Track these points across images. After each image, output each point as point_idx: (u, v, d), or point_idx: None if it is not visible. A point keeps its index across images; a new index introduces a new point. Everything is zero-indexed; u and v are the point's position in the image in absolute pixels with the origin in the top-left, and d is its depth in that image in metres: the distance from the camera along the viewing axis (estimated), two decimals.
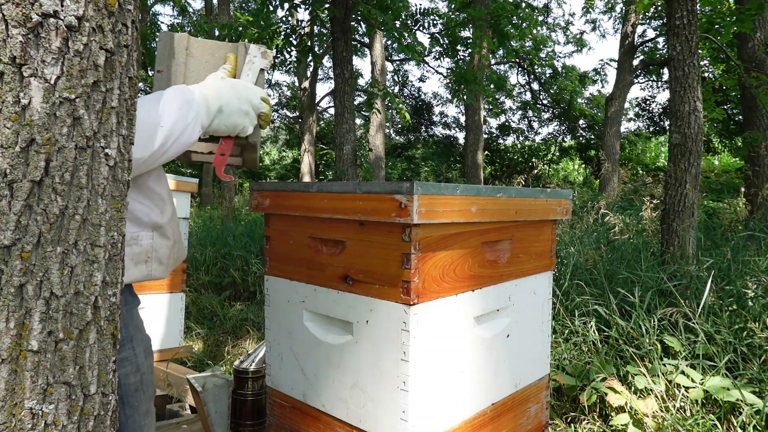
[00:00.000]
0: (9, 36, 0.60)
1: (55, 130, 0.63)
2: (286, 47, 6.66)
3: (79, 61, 0.65)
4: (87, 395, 0.68)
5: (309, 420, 1.33)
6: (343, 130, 6.29)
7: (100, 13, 0.66)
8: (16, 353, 0.62)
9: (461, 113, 18.69)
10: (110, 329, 0.72)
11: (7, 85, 0.60)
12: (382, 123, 12.32)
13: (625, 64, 12.36)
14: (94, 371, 0.69)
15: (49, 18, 0.62)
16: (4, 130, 0.60)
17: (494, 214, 1.26)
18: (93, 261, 0.68)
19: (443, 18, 9.52)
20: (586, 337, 2.87)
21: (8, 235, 0.61)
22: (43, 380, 0.64)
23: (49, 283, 0.64)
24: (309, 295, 1.30)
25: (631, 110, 19.46)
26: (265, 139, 23.83)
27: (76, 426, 0.67)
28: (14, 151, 0.61)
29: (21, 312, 0.62)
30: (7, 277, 0.61)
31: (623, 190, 10.16)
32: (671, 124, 3.91)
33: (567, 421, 2.51)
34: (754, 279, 3.22)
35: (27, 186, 0.62)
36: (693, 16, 3.78)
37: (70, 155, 0.64)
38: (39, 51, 0.62)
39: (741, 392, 2.22)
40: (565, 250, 4.33)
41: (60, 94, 0.63)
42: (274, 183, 1.36)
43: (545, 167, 18.36)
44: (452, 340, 1.20)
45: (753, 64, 7.08)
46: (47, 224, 0.63)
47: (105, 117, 0.68)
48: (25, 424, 0.63)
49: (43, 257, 0.63)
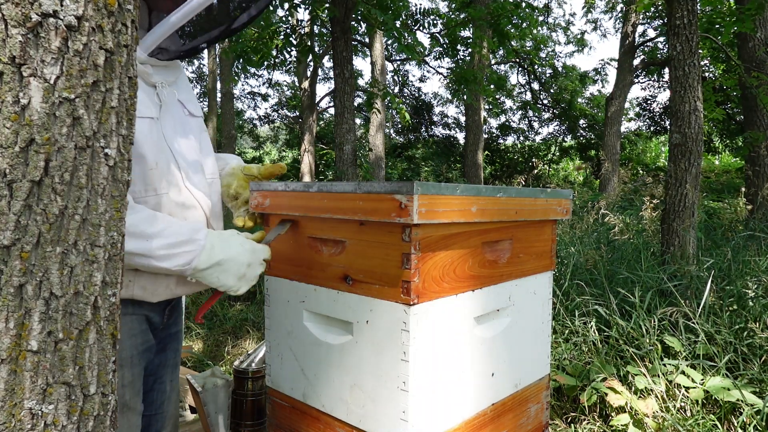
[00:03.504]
0: (8, 36, 0.60)
1: (55, 130, 0.63)
2: (286, 47, 6.66)
3: (79, 61, 0.64)
4: (87, 395, 0.68)
5: (309, 420, 1.33)
6: (343, 130, 6.29)
7: (100, 12, 0.66)
8: (15, 353, 0.62)
9: (461, 113, 18.69)
10: (110, 329, 0.72)
11: (6, 85, 0.60)
12: (382, 123, 12.32)
13: (626, 64, 12.35)
14: (94, 371, 0.69)
15: (48, 18, 0.62)
16: (4, 130, 0.60)
17: (494, 214, 1.26)
18: (93, 261, 0.68)
19: (443, 18, 9.52)
20: (586, 337, 2.87)
21: (8, 235, 0.61)
22: (42, 380, 0.64)
23: (48, 283, 0.64)
24: (309, 295, 1.30)
25: (631, 110, 19.46)
26: (265, 139, 23.84)
27: (75, 426, 0.67)
28: (14, 151, 0.61)
29: (20, 312, 0.62)
30: (7, 277, 0.61)
31: (623, 190, 10.16)
32: (671, 124, 3.91)
33: (567, 421, 2.51)
34: (755, 279, 3.22)
35: (26, 186, 0.61)
36: (693, 16, 3.78)
37: (69, 155, 0.64)
38: (38, 51, 0.61)
39: (741, 392, 2.21)
40: (565, 250, 4.33)
41: (59, 93, 0.63)
42: (274, 183, 1.36)
43: (545, 167, 18.36)
44: (452, 340, 1.20)
45: (753, 63, 7.07)
46: (47, 224, 0.63)
47: (105, 117, 0.68)
48: (25, 425, 0.63)
49: (43, 257, 0.63)
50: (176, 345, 1.35)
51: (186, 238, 1.10)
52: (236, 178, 1.41)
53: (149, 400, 1.29)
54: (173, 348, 1.34)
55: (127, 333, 1.14)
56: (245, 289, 1.21)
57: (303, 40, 7.14)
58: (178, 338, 1.35)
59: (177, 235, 1.08)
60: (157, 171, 1.15)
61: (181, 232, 1.09)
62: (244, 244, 1.19)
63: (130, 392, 1.14)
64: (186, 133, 1.25)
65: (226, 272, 1.15)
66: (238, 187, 1.40)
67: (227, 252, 1.15)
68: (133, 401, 1.16)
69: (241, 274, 1.18)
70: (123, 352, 1.13)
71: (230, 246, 1.16)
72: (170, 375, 1.34)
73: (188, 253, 1.10)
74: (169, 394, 1.35)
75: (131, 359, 1.15)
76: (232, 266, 1.16)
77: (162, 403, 1.33)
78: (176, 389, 1.38)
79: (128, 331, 1.14)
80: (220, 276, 1.15)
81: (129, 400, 1.15)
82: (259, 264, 1.21)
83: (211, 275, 1.14)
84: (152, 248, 1.05)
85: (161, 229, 1.07)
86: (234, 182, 1.40)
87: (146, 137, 1.12)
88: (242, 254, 1.17)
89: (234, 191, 1.40)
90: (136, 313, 1.17)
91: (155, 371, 1.29)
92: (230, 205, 1.42)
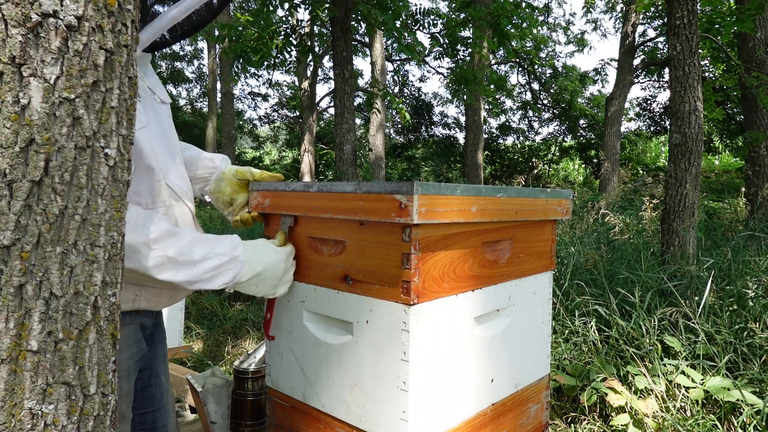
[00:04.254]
0: (8, 36, 0.60)
1: (55, 130, 0.63)
2: (286, 47, 6.66)
3: (79, 61, 0.64)
4: (87, 395, 0.68)
5: (309, 420, 1.33)
6: (343, 130, 6.29)
7: (100, 12, 0.66)
8: (15, 353, 0.62)
9: (461, 113, 18.69)
10: (110, 329, 0.72)
11: (6, 85, 0.60)
12: (382, 123, 12.32)
13: (626, 64, 12.35)
14: (94, 371, 0.69)
15: (48, 18, 0.62)
16: (4, 130, 0.60)
17: (494, 214, 1.26)
18: (93, 261, 0.68)
19: (443, 18, 9.52)
20: (586, 337, 2.87)
21: (8, 235, 0.61)
22: (42, 380, 0.64)
23: (48, 283, 0.64)
24: (309, 295, 1.30)
25: (631, 110, 19.46)
26: (265, 139, 23.85)
27: (75, 426, 0.67)
28: (14, 151, 0.61)
29: (20, 312, 0.62)
30: (7, 277, 0.61)
31: (623, 190, 10.16)
32: (671, 124, 3.91)
33: (567, 421, 2.51)
34: (755, 279, 3.22)
35: (26, 186, 0.61)
36: (693, 16, 3.78)
37: (69, 155, 0.64)
38: (38, 51, 0.61)
39: (741, 392, 2.21)
40: (565, 250, 4.33)
41: (59, 94, 0.63)
42: (274, 183, 1.36)
43: (545, 167, 18.36)
44: (452, 340, 1.20)
45: (753, 63, 7.07)
46: (47, 224, 0.63)
47: (105, 117, 0.68)
48: (25, 425, 0.63)
49: (43, 257, 0.63)
50: (162, 335, 1.36)
51: (228, 258, 1.13)
52: (229, 184, 1.40)
53: (148, 395, 1.29)
54: (160, 339, 1.35)
55: (125, 343, 1.14)
56: (282, 291, 1.27)
57: (303, 40, 7.15)
58: (162, 328, 1.36)
59: (221, 256, 1.11)
60: (163, 182, 1.15)
61: (223, 253, 1.12)
62: (279, 253, 1.23)
63: (125, 402, 1.14)
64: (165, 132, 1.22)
65: (264, 281, 1.20)
66: (233, 193, 1.39)
67: (265, 263, 1.20)
68: (128, 411, 1.16)
69: (278, 279, 1.23)
70: (121, 363, 1.12)
71: (267, 255, 1.20)
72: (163, 366, 1.34)
73: (231, 271, 1.13)
74: (166, 386, 1.35)
75: (128, 370, 1.15)
76: (270, 275, 1.21)
77: (162, 396, 1.32)
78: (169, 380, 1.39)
79: (125, 341, 1.14)
80: (258, 284, 1.20)
81: (125, 410, 1.15)
82: (292, 265, 1.27)
83: (250, 286, 1.19)
84: (199, 273, 1.08)
85: (205, 254, 1.09)
86: (228, 188, 1.39)
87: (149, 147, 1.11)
88: (278, 263, 1.22)
89: (229, 197, 1.39)
90: (132, 322, 1.16)
91: (149, 365, 1.29)
92: (226, 212, 1.42)
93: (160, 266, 1.01)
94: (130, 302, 1.13)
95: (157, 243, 1.01)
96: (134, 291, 1.13)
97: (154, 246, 1.00)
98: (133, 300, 1.13)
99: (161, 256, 1.01)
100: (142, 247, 0.99)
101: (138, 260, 0.99)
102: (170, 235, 1.04)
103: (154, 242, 1.00)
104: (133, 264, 0.99)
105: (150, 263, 1.00)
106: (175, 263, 1.03)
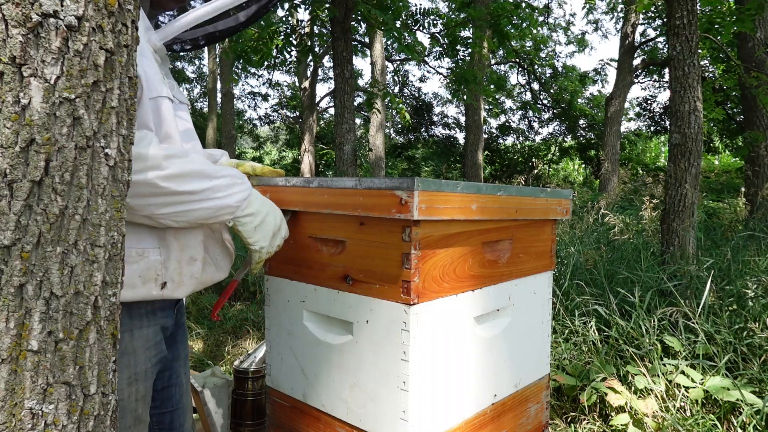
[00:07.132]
0: (9, 36, 0.60)
1: (55, 130, 0.63)
2: (286, 47, 6.66)
3: (79, 61, 0.64)
4: (87, 395, 0.68)
5: (309, 420, 1.33)
6: (343, 130, 6.29)
7: (100, 13, 0.66)
8: (16, 353, 0.62)
9: (461, 113, 18.68)
10: (110, 329, 0.72)
11: (7, 85, 0.60)
12: (382, 123, 12.32)
13: (626, 64, 12.35)
14: (94, 371, 0.69)
15: (49, 18, 0.62)
16: (4, 130, 0.60)
17: (494, 212, 1.26)
18: (93, 261, 0.68)
19: (443, 18, 9.52)
20: (586, 337, 2.87)
21: (8, 235, 0.61)
22: (43, 380, 0.64)
23: (49, 283, 0.64)
24: (309, 295, 1.30)
25: (631, 110, 19.46)
26: (265, 139, 23.84)
27: (76, 426, 0.67)
28: (14, 151, 0.61)
29: (21, 312, 0.62)
30: (7, 277, 0.61)
31: (623, 190, 10.15)
32: (671, 124, 3.91)
33: (567, 421, 2.51)
34: (754, 279, 3.22)
35: (27, 186, 0.62)
36: (693, 16, 3.78)
37: (70, 155, 0.64)
38: (39, 51, 0.62)
39: (741, 392, 2.21)
40: (565, 250, 4.33)
41: (60, 94, 0.63)
42: (274, 178, 1.35)
43: (545, 167, 18.36)
44: (452, 340, 1.20)
45: (753, 63, 7.07)
46: (47, 224, 0.63)
47: (105, 117, 0.68)
48: (25, 424, 0.63)
49: (43, 257, 0.63)
50: (184, 336, 1.35)
51: (240, 179, 1.14)
52: None
53: (168, 395, 1.28)
54: (182, 340, 1.34)
55: (143, 345, 1.12)
56: (277, 244, 1.24)
57: (303, 40, 7.15)
58: (184, 329, 1.35)
59: (231, 176, 1.12)
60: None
61: (233, 174, 1.13)
62: (275, 205, 1.23)
63: (142, 405, 1.13)
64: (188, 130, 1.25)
65: (264, 224, 1.18)
66: None
67: (267, 204, 1.20)
68: (145, 414, 1.15)
69: (277, 228, 1.21)
70: (138, 366, 1.11)
71: (267, 201, 1.21)
72: (183, 368, 1.34)
73: (244, 191, 1.13)
74: (186, 386, 1.34)
75: (146, 373, 1.13)
76: (270, 219, 1.19)
77: (181, 397, 1.32)
78: (189, 381, 1.38)
79: (144, 343, 1.12)
80: (258, 229, 1.18)
81: (142, 413, 1.13)
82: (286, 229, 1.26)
83: (251, 222, 1.16)
84: (217, 185, 1.08)
85: (217, 171, 1.10)
86: None
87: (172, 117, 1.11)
88: (277, 211, 1.22)
89: None
90: (152, 324, 1.15)
91: (170, 366, 1.28)
92: None
93: (179, 177, 1.03)
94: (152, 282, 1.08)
95: (174, 158, 1.02)
96: (155, 270, 1.09)
97: (173, 160, 1.02)
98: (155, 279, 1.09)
99: (179, 169, 1.03)
100: (162, 160, 1.00)
101: (157, 175, 1.00)
102: (185, 154, 1.06)
103: (172, 157, 1.02)
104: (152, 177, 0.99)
105: (169, 173, 1.01)
106: (192, 175, 1.05)
